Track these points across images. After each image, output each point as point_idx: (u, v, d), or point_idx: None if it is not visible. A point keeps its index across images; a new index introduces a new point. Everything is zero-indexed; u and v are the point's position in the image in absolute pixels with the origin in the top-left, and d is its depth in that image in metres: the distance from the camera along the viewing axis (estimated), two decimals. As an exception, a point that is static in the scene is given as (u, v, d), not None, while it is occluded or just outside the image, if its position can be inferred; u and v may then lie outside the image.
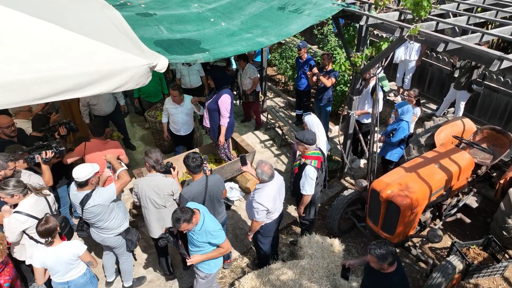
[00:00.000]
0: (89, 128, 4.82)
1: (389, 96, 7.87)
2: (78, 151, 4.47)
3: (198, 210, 3.32)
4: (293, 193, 4.53)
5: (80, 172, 3.47)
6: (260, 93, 8.16)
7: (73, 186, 3.63)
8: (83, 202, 3.52)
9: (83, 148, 4.44)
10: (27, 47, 2.66)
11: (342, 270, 3.59)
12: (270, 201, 3.72)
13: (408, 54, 7.37)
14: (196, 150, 6.01)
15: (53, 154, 3.89)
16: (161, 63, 3.15)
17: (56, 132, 4.43)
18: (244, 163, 4.15)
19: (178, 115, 5.64)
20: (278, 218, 4.10)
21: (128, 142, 6.90)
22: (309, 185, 4.14)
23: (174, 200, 3.96)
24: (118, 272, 4.40)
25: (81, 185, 3.51)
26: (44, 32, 2.78)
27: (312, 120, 4.76)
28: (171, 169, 4.04)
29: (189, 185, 3.77)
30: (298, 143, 4.15)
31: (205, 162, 3.91)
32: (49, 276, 3.38)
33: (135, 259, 4.43)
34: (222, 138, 5.31)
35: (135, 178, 5.30)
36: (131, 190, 4.26)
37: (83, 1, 4.15)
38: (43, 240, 3.21)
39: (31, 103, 2.64)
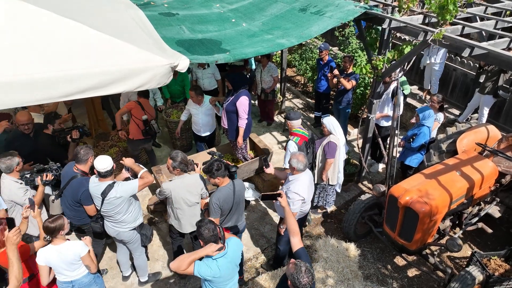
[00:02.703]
0: (138, 93, 5.58)
1: (421, 99, 7.73)
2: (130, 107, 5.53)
3: (224, 248, 2.98)
4: None
5: (105, 163, 3.57)
6: (279, 93, 8.16)
7: (93, 178, 3.73)
8: (105, 192, 3.60)
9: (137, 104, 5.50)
10: (54, 46, 2.73)
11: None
12: (305, 190, 3.80)
13: (433, 58, 7.20)
14: (214, 149, 6.07)
15: (53, 177, 3.87)
16: (182, 63, 3.18)
17: (69, 135, 4.52)
18: (267, 165, 4.16)
19: (198, 115, 5.73)
20: (304, 215, 4.13)
21: (154, 140, 6.99)
22: (288, 159, 4.34)
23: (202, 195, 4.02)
24: (134, 267, 4.47)
25: (105, 175, 3.61)
26: (71, 31, 2.86)
27: (331, 122, 4.74)
28: (195, 166, 4.08)
29: (218, 190, 3.71)
30: (286, 123, 4.72)
31: (221, 158, 3.93)
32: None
33: (148, 259, 4.49)
34: (240, 139, 5.33)
35: (154, 175, 5.38)
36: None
37: (109, 1, 4.24)
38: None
39: (56, 100, 2.72)
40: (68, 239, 3.35)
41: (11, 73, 2.50)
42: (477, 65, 6.90)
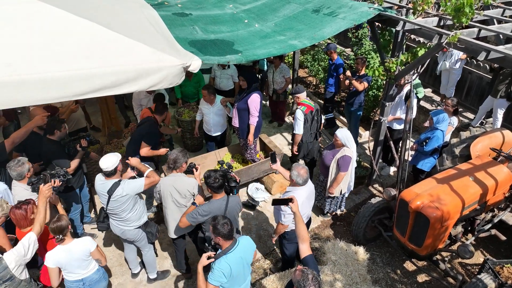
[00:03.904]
0: (154, 99, 5.85)
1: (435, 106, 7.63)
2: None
3: (236, 241, 3.02)
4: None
5: (107, 162, 3.62)
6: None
7: (99, 176, 3.78)
8: (111, 190, 3.65)
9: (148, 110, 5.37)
10: (68, 45, 2.78)
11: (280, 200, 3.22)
12: (299, 206, 3.69)
13: (451, 63, 7.09)
14: (225, 149, 6.09)
15: (61, 183, 3.70)
16: (195, 64, 3.20)
17: (78, 144, 4.52)
18: (274, 161, 4.16)
19: (209, 115, 5.75)
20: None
21: (171, 141, 6.87)
22: (297, 125, 5.16)
23: None
24: (143, 264, 4.52)
25: (109, 174, 3.66)
26: (85, 31, 2.91)
27: (344, 134, 4.65)
28: (194, 170, 4.03)
29: (209, 202, 3.60)
30: (294, 96, 5.34)
31: (230, 171, 3.78)
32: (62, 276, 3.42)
33: (156, 255, 4.52)
34: (251, 137, 5.35)
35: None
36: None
37: (123, 1, 4.30)
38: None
39: (71, 99, 2.77)
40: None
41: (26, 71, 2.55)
42: (488, 67, 6.79)
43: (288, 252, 4.18)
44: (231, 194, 3.67)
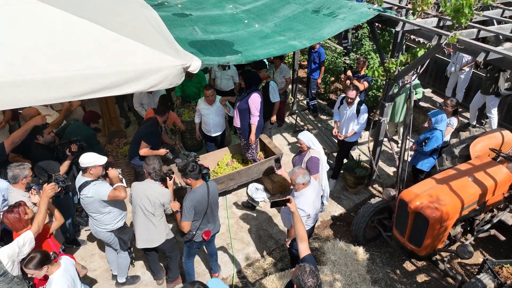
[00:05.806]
0: (160, 101, 5.84)
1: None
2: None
3: None
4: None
5: (85, 158, 3.66)
6: (291, 94, 8.16)
7: (81, 172, 3.83)
8: (80, 188, 3.69)
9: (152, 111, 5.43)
10: (70, 46, 2.80)
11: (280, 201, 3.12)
12: (310, 205, 3.73)
13: (456, 68, 7.08)
14: (225, 149, 6.08)
15: (60, 189, 3.64)
16: (194, 64, 3.21)
17: (67, 148, 4.45)
18: (278, 166, 4.20)
19: (209, 116, 5.73)
20: (313, 226, 4.11)
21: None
22: (276, 94, 5.96)
23: (165, 211, 3.94)
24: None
25: (82, 170, 3.72)
26: (86, 32, 2.92)
27: (307, 136, 4.53)
28: (168, 178, 3.95)
29: (192, 192, 3.67)
30: (261, 71, 5.93)
31: (197, 159, 3.89)
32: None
33: (133, 264, 4.42)
34: (252, 136, 5.36)
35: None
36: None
37: (123, 1, 4.30)
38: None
39: (71, 99, 2.79)
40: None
41: (27, 72, 2.57)
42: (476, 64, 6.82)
43: (296, 253, 4.15)
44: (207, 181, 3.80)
